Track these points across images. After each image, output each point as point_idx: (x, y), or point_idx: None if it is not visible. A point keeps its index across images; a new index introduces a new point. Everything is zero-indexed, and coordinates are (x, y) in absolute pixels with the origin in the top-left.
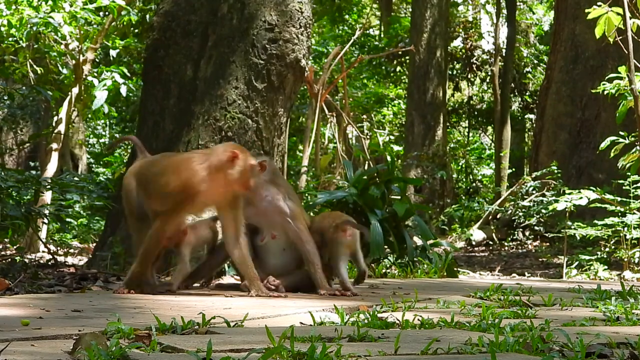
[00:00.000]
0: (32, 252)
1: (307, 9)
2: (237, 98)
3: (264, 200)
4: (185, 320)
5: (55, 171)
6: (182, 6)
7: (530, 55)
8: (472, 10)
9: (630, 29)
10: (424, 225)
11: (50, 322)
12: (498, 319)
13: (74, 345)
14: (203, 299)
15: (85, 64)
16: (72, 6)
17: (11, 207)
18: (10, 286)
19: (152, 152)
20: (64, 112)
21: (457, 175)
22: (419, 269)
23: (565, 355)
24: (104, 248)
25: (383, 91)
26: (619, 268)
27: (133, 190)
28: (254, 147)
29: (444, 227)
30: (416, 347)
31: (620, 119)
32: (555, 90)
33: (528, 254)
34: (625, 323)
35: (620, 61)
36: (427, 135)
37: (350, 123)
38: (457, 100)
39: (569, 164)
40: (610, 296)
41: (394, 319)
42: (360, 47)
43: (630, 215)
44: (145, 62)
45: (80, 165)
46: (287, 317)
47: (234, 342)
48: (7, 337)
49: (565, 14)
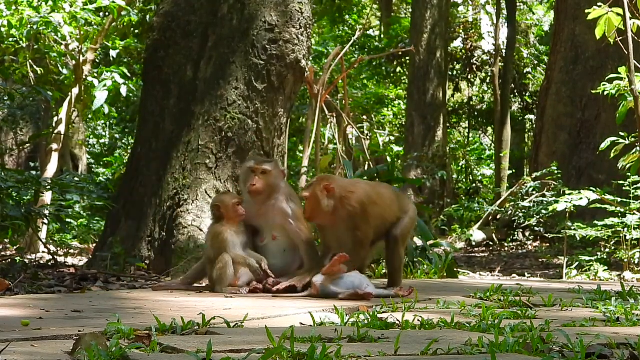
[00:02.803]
0: (32, 252)
1: (307, 10)
2: (237, 98)
3: (265, 202)
4: (185, 320)
5: (56, 172)
6: (182, 7)
7: (530, 55)
8: (472, 11)
9: (630, 29)
10: (424, 225)
11: (50, 322)
12: (498, 319)
13: (74, 346)
14: (203, 299)
15: (86, 65)
16: (72, 6)
17: (11, 208)
18: (10, 286)
19: (152, 153)
20: (64, 112)
21: (457, 175)
22: (419, 270)
23: (566, 355)
24: (104, 248)
25: (383, 92)
26: (619, 269)
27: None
28: (254, 148)
29: (444, 228)
30: (416, 348)
31: (620, 119)
32: (555, 91)
33: (528, 255)
34: (626, 324)
35: (621, 62)
36: (427, 136)
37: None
38: (457, 100)
39: (569, 164)
40: (610, 297)
41: (394, 320)
42: (360, 47)
43: (630, 216)
44: (145, 62)
45: (80, 165)
46: (287, 318)
47: (234, 342)
48: (7, 337)
49: (565, 14)
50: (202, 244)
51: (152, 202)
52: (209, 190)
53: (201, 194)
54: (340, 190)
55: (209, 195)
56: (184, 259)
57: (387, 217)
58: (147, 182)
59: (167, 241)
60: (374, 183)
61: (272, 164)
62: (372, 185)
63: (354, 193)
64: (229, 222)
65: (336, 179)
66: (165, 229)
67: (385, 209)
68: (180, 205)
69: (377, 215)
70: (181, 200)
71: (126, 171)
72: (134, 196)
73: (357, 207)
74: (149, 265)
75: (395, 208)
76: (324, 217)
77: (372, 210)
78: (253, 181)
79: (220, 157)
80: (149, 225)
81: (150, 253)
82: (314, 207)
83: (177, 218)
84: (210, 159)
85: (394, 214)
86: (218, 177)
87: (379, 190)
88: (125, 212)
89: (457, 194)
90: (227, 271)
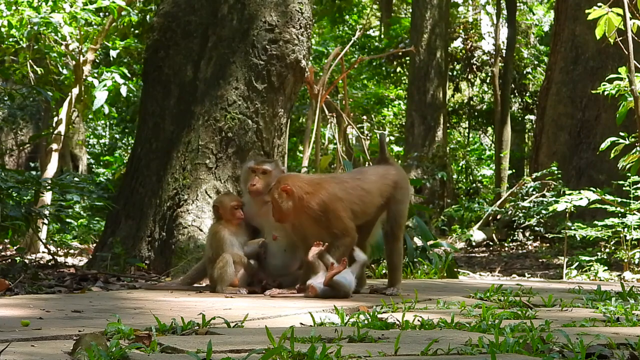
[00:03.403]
0: (32, 252)
1: (307, 10)
2: (237, 99)
3: (265, 202)
4: (185, 320)
5: (56, 172)
6: (183, 7)
7: (530, 56)
8: (472, 11)
9: (630, 29)
10: (424, 226)
11: (50, 322)
12: (498, 319)
13: (74, 346)
14: (203, 299)
15: (86, 65)
16: (72, 7)
17: (11, 208)
18: (10, 287)
19: (152, 153)
20: (64, 112)
21: (457, 176)
22: (419, 270)
23: (566, 356)
24: (104, 249)
25: (383, 92)
26: (619, 269)
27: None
28: (254, 148)
29: (444, 228)
30: (416, 348)
31: (620, 119)
32: (555, 91)
33: (528, 255)
34: (626, 324)
35: (621, 62)
36: (427, 136)
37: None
38: (457, 101)
39: (569, 164)
40: (610, 297)
41: (394, 320)
42: (360, 47)
43: (630, 216)
44: (145, 62)
45: (80, 165)
46: (287, 318)
47: (234, 342)
48: (7, 337)
49: (565, 14)
50: (202, 244)
51: (152, 202)
52: (209, 191)
53: (201, 194)
54: (299, 190)
55: (209, 196)
56: (184, 259)
57: (367, 203)
58: (147, 182)
59: (167, 241)
60: (343, 176)
61: (272, 164)
62: (339, 179)
63: (313, 194)
64: (227, 222)
65: (297, 178)
66: (165, 229)
67: (358, 198)
68: (180, 205)
69: (349, 207)
70: (181, 201)
71: (126, 171)
72: (134, 196)
73: (317, 207)
74: (149, 265)
75: (376, 193)
76: (288, 219)
77: (338, 206)
78: (253, 181)
79: (220, 157)
80: (149, 225)
81: (150, 253)
82: (276, 210)
83: (177, 218)
84: (210, 159)
85: (375, 199)
86: (218, 177)
87: (346, 185)
88: (125, 212)
89: (457, 194)
90: (228, 270)
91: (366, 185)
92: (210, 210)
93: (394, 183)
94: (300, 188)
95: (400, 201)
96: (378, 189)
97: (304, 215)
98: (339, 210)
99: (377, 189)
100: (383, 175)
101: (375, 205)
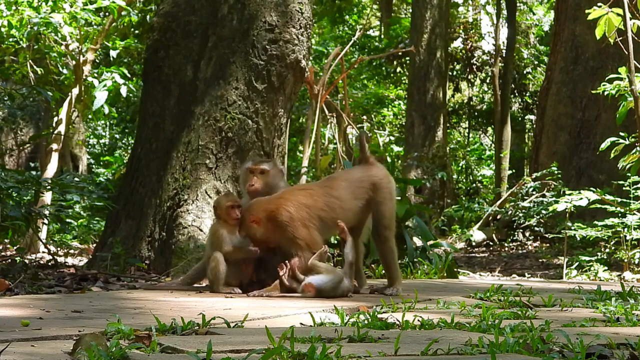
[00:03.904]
0: (32, 252)
1: (307, 10)
2: (237, 99)
3: None
4: (185, 320)
5: (56, 172)
6: (183, 7)
7: (530, 56)
8: (472, 11)
9: (630, 29)
10: (424, 226)
11: (50, 322)
12: (498, 319)
13: (74, 346)
14: (203, 299)
15: (86, 65)
16: (72, 7)
17: (11, 208)
18: (10, 287)
19: (152, 153)
20: (64, 112)
21: (457, 176)
22: (419, 270)
23: (566, 356)
24: (104, 249)
25: (383, 92)
26: (619, 269)
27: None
28: (254, 148)
29: (444, 228)
30: (416, 348)
31: (620, 119)
32: (555, 91)
33: (528, 255)
34: (626, 324)
35: (621, 62)
36: (427, 136)
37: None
38: (457, 101)
39: (569, 164)
40: (610, 297)
41: (394, 320)
42: (360, 47)
43: (630, 216)
44: (145, 63)
45: (80, 165)
46: (287, 318)
47: (234, 342)
48: (7, 337)
49: (565, 14)
50: (202, 244)
51: (152, 202)
52: (209, 191)
53: (201, 194)
54: (263, 214)
55: (209, 196)
56: (184, 259)
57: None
58: (147, 182)
59: (167, 241)
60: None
61: (270, 164)
62: (304, 187)
63: (277, 209)
64: (225, 222)
65: (259, 204)
66: (165, 229)
67: (326, 205)
68: (180, 205)
69: (316, 214)
70: (181, 201)
71: (126, 171)
72: (134, 196)
73: (284, 219)
74: (149, 265)
75: (348, 197)
76: (271, 242)
77: (303, 214)
78: (252, 181)
79: (220, 157)
80: (149, 225)
81: (150, 253)
82: (257, 242)
83: (177, 218)
84: (210, 159)
85: (349, 204)
86: (218, 177)
87: (311, 192)
88: (125, 212)
89: (457, 194)
90: (220, 268)
91: (335, 192)
92: (211, 210)
93: (372, 185)
94: (264, 211)
95: (381, 202)
96: (351, 193)
97: (279, 230)
98: (305, 219)
99: (349, 194)
100: (358, 179)
101: (351, 210)
